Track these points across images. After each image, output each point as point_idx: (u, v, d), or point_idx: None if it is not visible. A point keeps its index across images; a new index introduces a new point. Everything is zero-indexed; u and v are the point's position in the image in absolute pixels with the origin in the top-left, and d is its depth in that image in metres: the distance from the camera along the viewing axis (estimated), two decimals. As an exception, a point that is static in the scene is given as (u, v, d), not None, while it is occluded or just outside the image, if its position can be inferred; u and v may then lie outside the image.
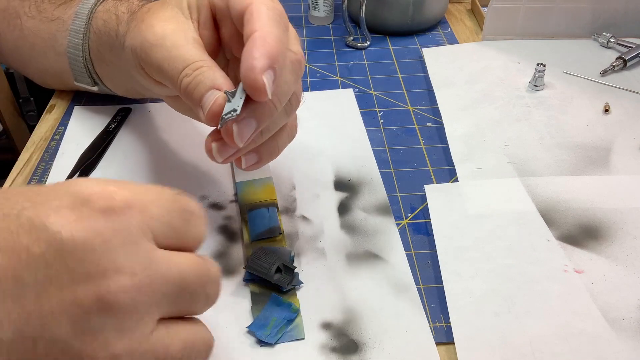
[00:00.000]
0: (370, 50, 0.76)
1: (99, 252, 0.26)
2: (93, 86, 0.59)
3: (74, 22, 0.55)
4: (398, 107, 0.65)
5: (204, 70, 0.38)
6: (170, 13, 0.41)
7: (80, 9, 0.55)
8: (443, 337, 0.42)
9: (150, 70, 0.42)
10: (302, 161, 0.57)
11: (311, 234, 0.50)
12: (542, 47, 0.73)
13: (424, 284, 0.46)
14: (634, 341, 0.41)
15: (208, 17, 0.41)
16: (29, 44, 0.60)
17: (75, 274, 0.26)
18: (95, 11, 0.54)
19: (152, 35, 0.40)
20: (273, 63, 0.35)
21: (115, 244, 0.27)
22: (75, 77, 0.59)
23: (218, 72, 0.38)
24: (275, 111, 0.38)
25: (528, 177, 0.54)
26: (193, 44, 0.40)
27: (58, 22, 0.57)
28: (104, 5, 0.53)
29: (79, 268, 0.26)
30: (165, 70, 0.40)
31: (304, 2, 0.86)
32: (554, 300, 0.44)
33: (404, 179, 0.56)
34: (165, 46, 0.40)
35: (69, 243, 0.26)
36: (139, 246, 0.28)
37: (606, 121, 0.62)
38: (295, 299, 0.44)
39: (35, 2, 0.59)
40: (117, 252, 0.27)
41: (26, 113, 0.96)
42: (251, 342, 0.42)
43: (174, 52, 0.39)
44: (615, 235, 0.49)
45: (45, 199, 0.27)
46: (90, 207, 0.27)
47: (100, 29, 0.52)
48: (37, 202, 0.27)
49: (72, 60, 0.57)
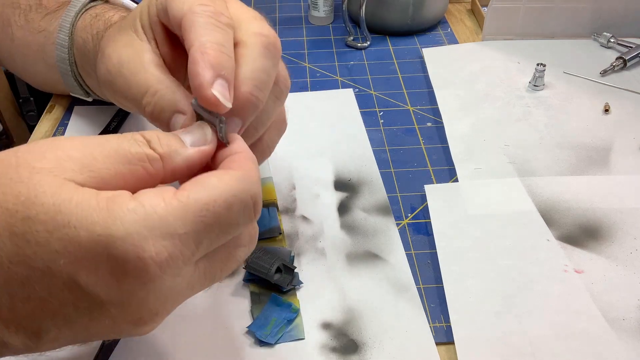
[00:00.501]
0: (370, 50, 0.76)
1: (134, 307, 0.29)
2: (87, 97, 0.58)
3: (58, 35, 0.54)
4: (398, 107, 0.65)
5: (163, 94, 0.37)
6: (125, 38, 0.40)
7: (62, 21, 0.54)
8: (443, 337, 0.42)
9: (120, 100, 0.41)
10: (302, 161, 0.57)
11: (311, 234, 0.50)
12: (542, 47, 0.73)
13: (424, 284, 0.46)
14: (634, 341, 0.41)
15: (163, 34, 0.40)
16: (21, 54, 0.60)
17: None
18: (75, 26, 0.53)
19: (111, 65, 0.40)
20: (219, 70, 0.33)
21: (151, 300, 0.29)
22: (68, 88, 0.58)
23: (178, 93, 0.37)
24: (258, 101, 0.36)
25: (528, 177, 0.54)
26: (150, 67, 0.38)
27: (45, 34, 0.56)
28: (82, 21, 0.52)
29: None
30: (130, 99, 0.39)
31: (304, 2, 0.86)
32: (554, 300, 0.44)
33: (404, 179, 0.56)
34: (124, 75, 0.39)
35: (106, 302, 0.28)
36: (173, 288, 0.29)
37: (606, 121, 0.62)
38: (295, 299, 0.44)
39: (24, 10, 0.58)
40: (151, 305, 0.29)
41: (26, 113, 0.96)
42: (251, 342, 0.42)
43: (131, 79, 0.38)
44: (615, 235, 0.49)
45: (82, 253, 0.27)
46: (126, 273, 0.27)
47: (80, 47, 0.52)
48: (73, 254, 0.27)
49: (62, 73, 0.56)
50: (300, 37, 0.78)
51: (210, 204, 0.29)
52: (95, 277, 0.27)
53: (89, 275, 0.27)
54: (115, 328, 0.29)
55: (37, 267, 0.27)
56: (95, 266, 0.27)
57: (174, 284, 0.29)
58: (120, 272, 0.27)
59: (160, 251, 0.27)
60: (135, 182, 0.30)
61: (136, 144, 0.30)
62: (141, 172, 0.30)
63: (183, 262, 0.29)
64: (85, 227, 0.27)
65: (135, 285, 0.28)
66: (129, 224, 0.27)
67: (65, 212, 0.27)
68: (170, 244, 0.28)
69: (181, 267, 0.29)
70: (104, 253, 0.27)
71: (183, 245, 0.28)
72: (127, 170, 0.29)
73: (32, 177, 0.27)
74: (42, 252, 0.27)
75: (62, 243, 0.27)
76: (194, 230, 0.28)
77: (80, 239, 0.27)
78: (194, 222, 0.28)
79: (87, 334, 0.30)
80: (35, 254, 0.27)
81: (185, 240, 0.28)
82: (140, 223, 0.27)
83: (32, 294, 0.27)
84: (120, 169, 0.29)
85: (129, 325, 0.29)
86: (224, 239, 0.31)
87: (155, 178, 0.30)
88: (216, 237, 0.30)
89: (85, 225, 0.27)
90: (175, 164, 0.31)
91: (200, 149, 0.32)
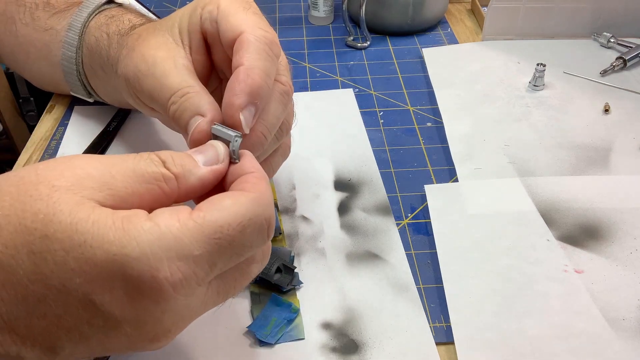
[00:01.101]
0: (370, 50, 0.76)
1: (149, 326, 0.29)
2: (88, 97, 0.59)
3: (67, 34, 0.54)
4: (398, 107, 0.65)
5: (190, 96, 0.38)
6: (160, 40, 0.42)
7: (73, 20, 0.54)
8: (443, 337, 0.42)
9: (143, 98, 0.42)
10: (302, 161, 0.57)
11: (311, 234, 0.50)
12: (542, 47, 0.73)
13: (424, 284, 0.46)
14: (634, 341, 0.41)
15: (200, 42, 0.41)
16: (24, 52, 0.60)
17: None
18: (87, 26, 0.53)
19: (143, 64, 0.41)
20: (254, 99, 0.35)
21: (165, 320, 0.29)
22: (71, 88, 0.58)
23: (204, 98, 0.38)
24: (265, 141, 0.38)
25: (528, 177, 0.54)
26: (182, 71, 0.40)
27: (51, 33, 0.56)
28: (96, 21, 0.53)
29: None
30: (155, 98, 0.40)
31: (304, 2, 0.86)
32: (554, 300, 0.44)
33: (404, 179, 0.56)
34: (155, 75, 0.40)
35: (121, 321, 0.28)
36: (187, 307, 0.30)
37: (606, 121, 0.62)
38: (295, 299, 0.44)
39: (30, 8, 0.58)
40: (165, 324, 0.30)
41: (26, 113, 0.96)
42: (251, 342, 0.42)
43: (163, 80, 0.39)
44: (615, 235, 0.49)
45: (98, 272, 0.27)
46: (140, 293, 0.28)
47: (92, 46, 0.52)
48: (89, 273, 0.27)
49: (66, 72, 0.56)
50: (300, 37, 0.78)
51: (225, 226, 0.29)
52: (110, 296, 0.28)
53: (104, 295, 0.28)
54: (130, 345, 0.30)
55: (53, 286, 0.27)
56: (110, 285, 0.27)
57: (187, 303, 0.30)
58: (135, 292, 0.28)
59: (174, 272, 0.28)
60: (151, 200, 0.30)
61: (152, 164, 0.31)
62: (157, 191, 0.30)
63: (197, 283, 0.29)
64: (100, 247, 0.27)
65: (149, 305, 0.28)
66: (144, 244, 0.27)
67: (82, 231, 0.27)
68: (185, 265, 0.28)
69: (194, 288, 0.29)
70: (119, 273, 0.27)
71: (197, 266, 0.29)
72: (144, 189, 0.30)
73: (52, 195, 0.28)
74: (58, 270, 0.27)
75: (78, 262, 0.27)
76: (208, 252, 0.29)
77: (95, 258, 0.27)
78: (208, 244, 0.29)
79: (103, 349, 0.30)
80: (52, 272, 0.27)
81: (199, 261, 0.29)
82: (156, 244, 0.28)
83: (48, 311, 0.28)
84: (137, 188, 0.30)
85: (144, 342, 0.30)
86: (237, 260, 0.31)
87: (170, 197, 0.31)
88: (229, 259, 0.31)
89: (101, 244, 0.27)
90: (189, 184, 0.32)
91: (213, 169, 0.33)
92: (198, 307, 0.31)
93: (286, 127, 0.42)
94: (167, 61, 0.40)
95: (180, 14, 0.42)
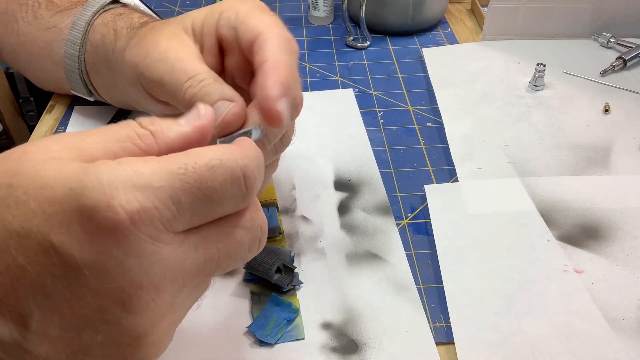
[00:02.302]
0: (370, 50, 0.76)
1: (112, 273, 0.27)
2: (89, 96, 0.59)
3: (70, 32, 0.54)
4: (398, 107, 0.65)
5: (209, 81, 0.38)
6: (174, 31, 0.42)
7: (77, 19, 0.54)
8: (443, 337, 0.42)
9: (150, 85, 0.42)
10: (302, 161, 0.57)
11: (311, 234, 0.50)
12: (542, 47, 0.73)
13: (424, 284, 0.46)
14: (634, 341, 0.41)
15: (213, 45, 0.41)
16: (26, 50, 0.60)
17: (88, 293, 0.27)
18: (93, 24, 0.53)
19: (155, 50, 0.40)
20: (287, 91, 0.35)
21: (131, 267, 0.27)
22: (72, 87, 0.58)
23: (226, 86, 0.38)
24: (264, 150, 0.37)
25: (528, 177, 0.54)
26: (197, 59, 0.39)
27: (54, 31, 0.56)
28: (102, 19, 0.53)
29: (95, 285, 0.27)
30: (167, 83, 0.39)
31: (304, 2, 0.86)
32: (554, 300, 0.44)
33: (404, 179, 0.56)
34: (169, 60, 0.39)
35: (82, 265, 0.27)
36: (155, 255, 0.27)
37: (606, 121, 0.62)
38: (295, 299, 0.44)
39: (32, 7, 0.58)
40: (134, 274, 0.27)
41: (26, 113, 0.96)
42: (251, 342, 0.42)
43: (177, 65, 0.39)
44: (615, 235, 0.49)
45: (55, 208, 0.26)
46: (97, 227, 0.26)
47: (97, 42, 0.52)
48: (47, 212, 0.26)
49: (68, 70, 0.56)
50: (300, 37, 0.78)
51: (190, 163, 0.28)
52: (68, 234, 0.26)
53: (62, 233, 0.26)
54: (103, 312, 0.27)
55: (14, 230, 0.27)
56: (67, 222, 0.26)
57: (155, 251, 0.27)
58: (92, 226, 0.26)
59: (130, 200, 0.26)
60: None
61: (127, 125, 0.29)
62: (132, 148, 0.29)
63: (160, 222, 0.27)
64: (60, 184, 0.26)
65: (109, 242, 0.26)
66: (102, 174, 0.26)
67: (45, 175, 0.27)
68: (142, 195, 0.26)
69: (160, 230, 0.27)
70: (75, 206, 0.26)
71: (157, 199, 0.27)
72: (117, 147, 0.29)
73: (21, 157, 0.28)
74: (19, 214, 0.27)
75: (37, 201, 0.26)
76: (170, 185, 0.27)
77: (54, 195, 0.26)
78: (170, 178, 0.27)
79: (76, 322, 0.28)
80: (14, 216, 0.27)
81: (160, 195, 0.27)
82: (113, 173, 0.26)
83: (11, 261, 0.27)
84: (109, 146, 0.29)
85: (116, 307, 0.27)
86: (211, 209, 0.29)
87: (148, 154, 0.29)
88: (199, 203, 0.28)
89: (61, 182, 0.26)
90: (168, 139, 0.30)
91: (195, 124, 0.30)
92: (173, 260, 0.28)
93: (287, 140, 0.42)
94: (181, 50, 0.40)
95: (193, 15, 0.42)
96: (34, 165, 0.27)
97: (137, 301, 0.28)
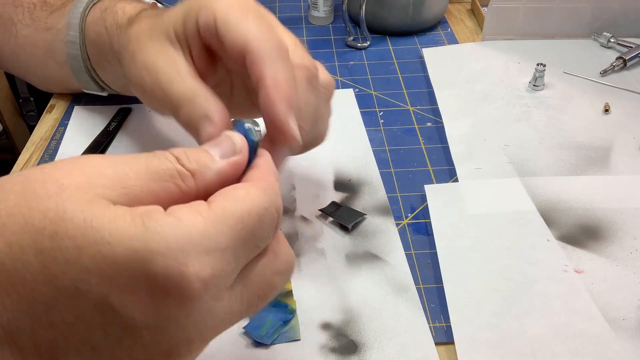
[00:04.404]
0: (370, 50, 0.76)
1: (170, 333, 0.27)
2: (102, 92, 0.58)
3: (68, 33, 0.54)
4: (398, 107, 0.65)
5: (198, 101, 0.37)
6: (159, 47, 0.40)
7: (70, 18, 0.54)
8: (443, 337, 0.42)
9: (151, 103, 0.42)
10: (302, 161, 0.57)
11: (311, 234, 0.49)
12: (542, 47, 0.73)
13: (424, 284, 0.46)
14: (634, 341, 0.41)
15: (200, 47, 0.40)
16: (28, 54, 0.59)
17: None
18: (85, 21, 0.53)
19: (146, 74, 0.40)
20: (290, 105, 0.35)
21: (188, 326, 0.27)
22: (84, 86, 0.58)
23: (211, 102, 0.37)
24: (304, 133, 0.37)
25: (528, 177, 0.54)
26: (185, 77, 0.39)
27: (53, 32, 0.56)
28: (92, 16, 0.52)
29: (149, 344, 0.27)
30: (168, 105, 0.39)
31: (304, 2, 0.86)
32: (554, 300, 0.44)
33: (404, 179, 0.56)
34: (161, 84, 0.39)
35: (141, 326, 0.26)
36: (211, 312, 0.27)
37: (606, 121, 0.62)
38: (291, 300, 0.44)
39: (29, 8, 0.58)
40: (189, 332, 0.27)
41: (26, 113, 0.96)
42: (247, 343, 0.42)
43: (168, 88, 0.38)
44: (615, 235, 0.49)
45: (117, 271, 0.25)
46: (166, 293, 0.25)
47: (94, 41, 0.52)
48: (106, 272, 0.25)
49: (75, 71, 0.56)
50: (300, 37, 0.78)
51: (245, 216, 0.27)
52: (132, 298, 0.25)
53: (125, 296, 0.25)
54: None
55: (65, 288, 0.25)
56: (132, 286, 0.25)
57: (213, 308, 0.27)
58: (160, 292, 0.25)
59: (204, 268, 0.25)
60: (167, 199, 0.28)
61: (166, 161, 0.28)
62: (174, 189, 0.28)
63: (224, 280, 0.27)
64: (120, 243, 0.25)
65: (174, 306, 0.26)
66: (169, 238, 0.25)
67: (98, 227, 0.25)
68: (213, 260, 0.26)
69: (222, 286, 0.27)
70: (142, 270, 0.25)
71: (224, 260, 0.27)
72: (159, 187, 0.28)
73: (61, 194, 0.25)
74: (71, 270, 0.24)
75: (94, 261, 0.24)
76: (233, 244, 0.27)
77: (115, 255, 0.24)
78: (231, 236, 0.27)
79: None
80: (64, 273, 0.24)
81: (226, 254, 0.27)
82: (181, 238, 0.25)
83: (58, 319, 0.25)
84: (152, 186, 0.28)
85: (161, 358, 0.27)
86: (255, 252, 0.29)
87: (188, 195, 0.29)
88: (250, 251, 0.29)
89: (120, 240, 0.25)
90: (207, 179, 0.29)
91: (231, 161, 0.30)
92: (223, 315, 0.28)
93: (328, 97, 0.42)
94: (170, 67, 0.39)
95: (172, 17, 0.40)
96: (81, 210, 0.25)
97: (184, 353, 0.28)
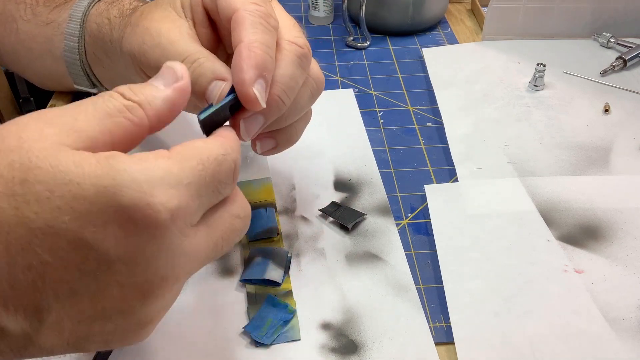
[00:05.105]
0: (370, 50, 0.76)
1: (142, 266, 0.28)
2: (92, 88, 0.59)
3: (68, 25, 0.54)
4: (398, 107, 0.65)
5: (202, 61, 0.38)
6: (163, 13, 0.42)
7: (73, 11, 0.54)
8: (443, 337, 0.42)
9: (150, 72, 0.42)
10: (302, 161, 0.57)
11: (311, 234, 0.49)
12: (542, 47, 0.73)
13: (424, 284, 0.46)
14: (634, 341, 0.41)
15: (203, 16, 0.42)
16: (26, 49, 0.60)
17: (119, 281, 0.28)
18: (88, 14, 0.53)
19: (148, 37, 0.41)
20: (262, 71, 0.35)
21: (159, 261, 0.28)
22: (74, 80, 0.58)
23: (218, 63, 0.38)
24: (282, 104, 0.38)
25: (528, 177, 0.54)
26: (188, 39, 0.40)
27: (53, 26, 0.57)
28: (97, 8, 0.53)
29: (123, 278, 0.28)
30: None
31: (304, 2, 0.86)
32: (554, 300, 0.44)
33: (404, 179, 0.56)
34: (162, 45, 0.40)
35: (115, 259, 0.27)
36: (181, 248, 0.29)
37: (606, 121, 0.62)
38: (291, 300, 0.44)
39: (31, 5, 0.59)
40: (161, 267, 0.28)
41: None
42: (247, 343, 0.42)
43: (170, 48, 0.39)
44: (615, 235, 0.49)
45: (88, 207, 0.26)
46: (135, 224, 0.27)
47: (94, 33, 0.52)
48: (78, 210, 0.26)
49: (69, 64, 0.56)
50: (300, 37, 0.78)
51: (204, 159, 0.29)
52: (104, 231, 0.26)
53: (97, 230, 0.26)
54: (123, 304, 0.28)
55: (38, 228, 0.26)
56: (103, 220, 0.26)
57: (181, 244, 0.29)
58: (131, 223, 0.27)
59: (170, 199, 0.27)
60: (123, 135, 0.29)
61: (111, 98, 0.29)
62: (126, 124, 0.29)
63: (190, 216, 0.29)
64: (89, 182, 0.26)
65: (145, 237, 0.27)
66: (135, 174, 0.27)
67: (65, 171, 0.26)
68: (178, 193, 0.28)
69: (188, 223, 0.29)
70: (111, 203, 0.26)
71: (188, 195, 0.28)
72: (111, 123, 0.29)
73: (22, 146, 0.26)
74: (43, 211, 0.26)
75: (65, 200, 0.26)
76: (196, 182, 0.29)
77: (84, 193, 0.26)
78: (193, 174, 0.29)
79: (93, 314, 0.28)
80: (37, 214, 0.26)
81: (190, 191, 0.28)
82: (147, 172, 0.27)
83: (34, 259, 0.26)
84: (104, 124, 0.29)
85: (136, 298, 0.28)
86: (216, 199, 0.31)
87: (141, 127, 0.30)
88: (212, 194, 0.30)
89: (89, 180, 0.26)
90: (156, 108, 0.30)
91: (176, 86, 0.31)
92: (191, 251, 0.29)
93: (320, 83, 0.42)
94: (173, 31, 0.40)
95: None
96: (44, 157, 0.26)
97: (158, 292, 0.29)
